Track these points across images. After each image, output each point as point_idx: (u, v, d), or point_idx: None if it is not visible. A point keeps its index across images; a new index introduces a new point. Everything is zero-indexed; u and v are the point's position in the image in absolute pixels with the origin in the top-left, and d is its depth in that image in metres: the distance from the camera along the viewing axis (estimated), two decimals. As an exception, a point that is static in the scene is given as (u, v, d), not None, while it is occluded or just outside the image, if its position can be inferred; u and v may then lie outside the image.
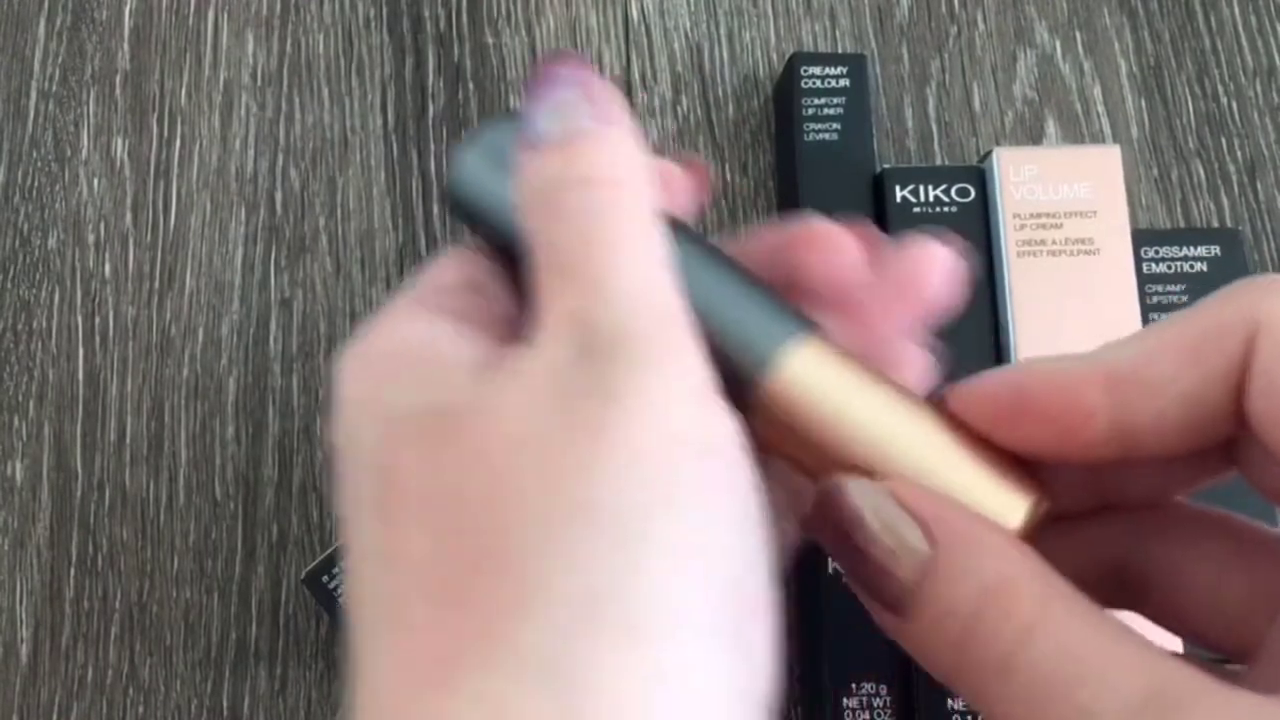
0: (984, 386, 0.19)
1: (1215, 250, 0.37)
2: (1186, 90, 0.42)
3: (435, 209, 0.41)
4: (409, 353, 0.19)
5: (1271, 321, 0.16)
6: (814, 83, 0.39)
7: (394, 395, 0.18)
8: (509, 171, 0.21)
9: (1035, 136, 0.42)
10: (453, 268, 0.22)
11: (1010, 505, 0.18)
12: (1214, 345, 0.17)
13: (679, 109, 0.42)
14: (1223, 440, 0.17)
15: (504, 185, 0.21)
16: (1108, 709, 0.15)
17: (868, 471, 0.18)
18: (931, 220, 0.37)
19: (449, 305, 0.21)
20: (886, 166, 0.38)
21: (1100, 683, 0.15)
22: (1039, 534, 0.18)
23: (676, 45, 0.42)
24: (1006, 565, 0.16)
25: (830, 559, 0.33)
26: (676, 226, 0.21)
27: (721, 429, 0.17)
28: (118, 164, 0.41)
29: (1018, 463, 0.19)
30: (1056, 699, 0.15)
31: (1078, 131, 0.42)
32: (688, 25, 0.43)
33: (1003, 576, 0.16)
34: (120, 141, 0.41)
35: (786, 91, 0.39)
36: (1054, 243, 0.36)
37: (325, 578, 0.34)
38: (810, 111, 0.38)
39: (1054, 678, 0.15)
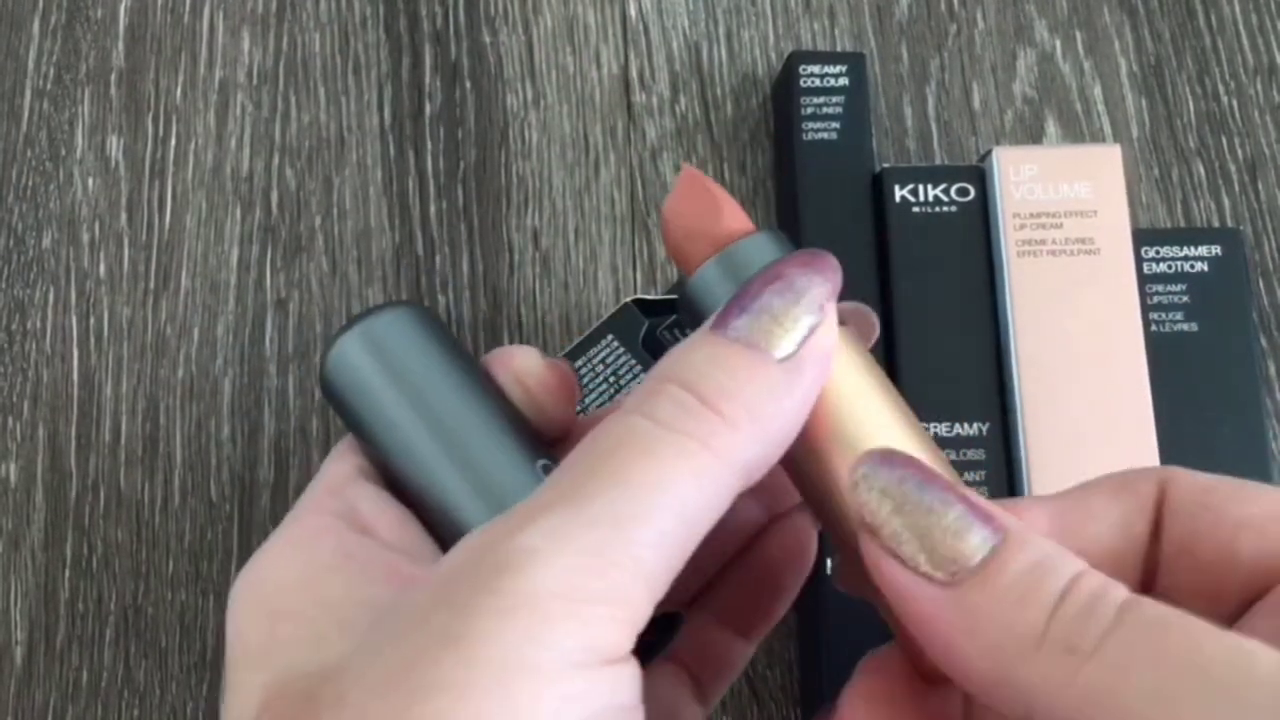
0: None
1: (1216, 250, 0.37)
2: (1187, 89, 0.42)
3: (432, 209, 0.40)
4: (295, 598, 0.19)
5: (1178, 474, 0.19)
6: (813, 81, 0.39)
7: (278, 656, 0.18)
8: (396, 383, 0.21)
9: (1035, 136, 0.41)
10: (345, 462, 0.22)
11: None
12: (1135, 483, 0.19)
13: (677, 108, 0.42)
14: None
15: (383, 387, 0.21)
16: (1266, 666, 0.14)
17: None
18: (931, 220, 0.37)
19: (342, 516, 0.21)
20: (886, 166, 0.38)
21: (1235, 644, 0.15)
22: None
23: (675, 44, 0.42)
24: (1081, 562, 0.17)
25: (831, 554, 0.33)
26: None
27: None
28: (112, 163, 0.41)
29: None
30: (1205, 643, 0.15)
31: (1078, 131, 0.41)
32: (686, 24, 0.42)
33: (1085, 565, 0.17)
34: (115, 140, 0.41)
35: (785, 90, 0.39)
36: (1054, 242, 0.36)
37: (321, 580, 0.34)
38: (809, 111, 0.38)
39: (1189, 630, 0.15)
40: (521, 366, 0.23)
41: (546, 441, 0.24)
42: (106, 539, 0.37)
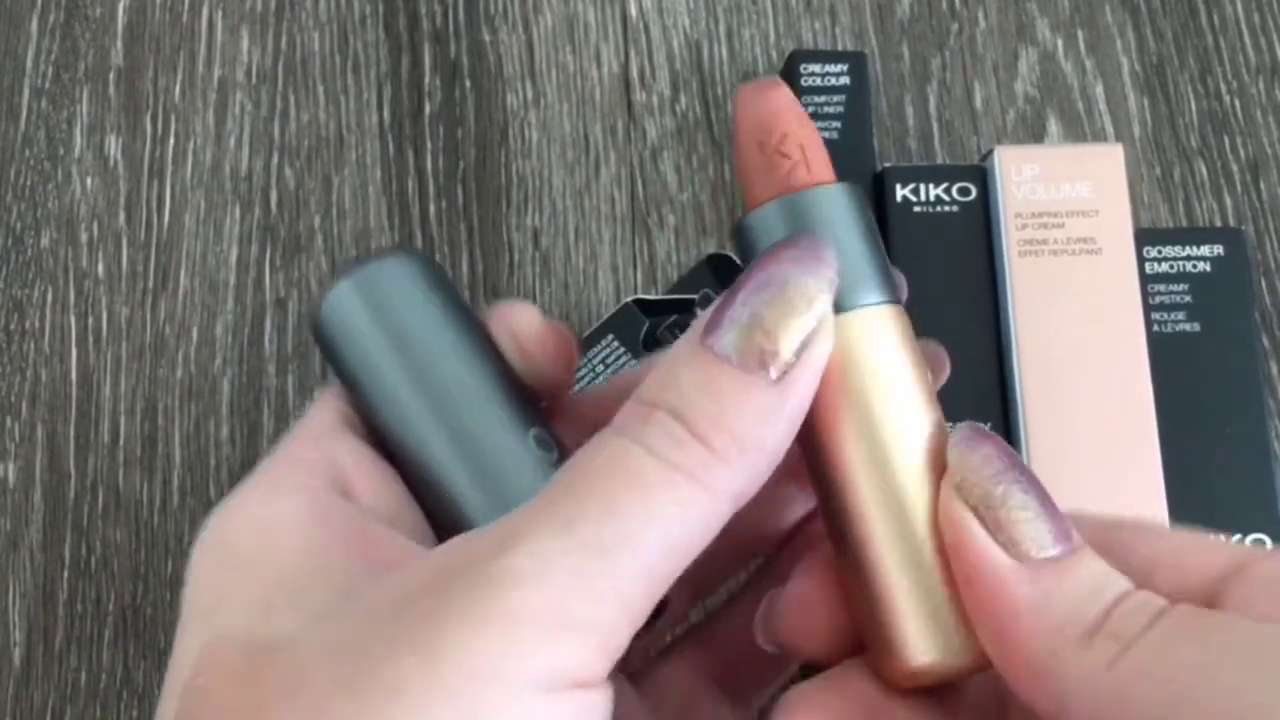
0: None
1: (1219, 250, 0.37)
2: (1189, 88, 0.42)
3: (431, 208, 0.40)
4: (252, 554, 0.19)
5: (1079, 516, 0.19)
6: (814, 80, 0.38)
7: (225, 616, 0.18)
8: (384, 321, 0.20)
9: (1037, 135, 0.41)
10: (330, 411, 0.21)
11: (961, 643, 0.18)
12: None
13: (677, 107, 0.41)
14: None
15: (376, 339, 0.21)
16: None
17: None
18: (932, 220, 0.36)
19: (320, 469, 0.20)
20: (887, 165, 0.37)
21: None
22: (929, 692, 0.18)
23: (675, 43, 0.42)
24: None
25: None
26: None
27: None
28: (111, 162, 0.41)
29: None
30: (1238, 622, 0.16)
31: (1080, 130, 0.41)
32: (686, 23, 0.42)
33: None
34: (114, 139, 0.41)
35: (786, 89, 0.39)
36: (1056, 242, 0.36)
37: (321, 581, 0.34)
38: (810, 110, 0.38)
39: (1227, 615, 0.16)
40: (520, 325, 0.22)
41: (539, 404, 0.23)
42: (105, 539, 0.37)
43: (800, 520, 0.24)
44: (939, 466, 0.18)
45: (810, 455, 0.19)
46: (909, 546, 0.18)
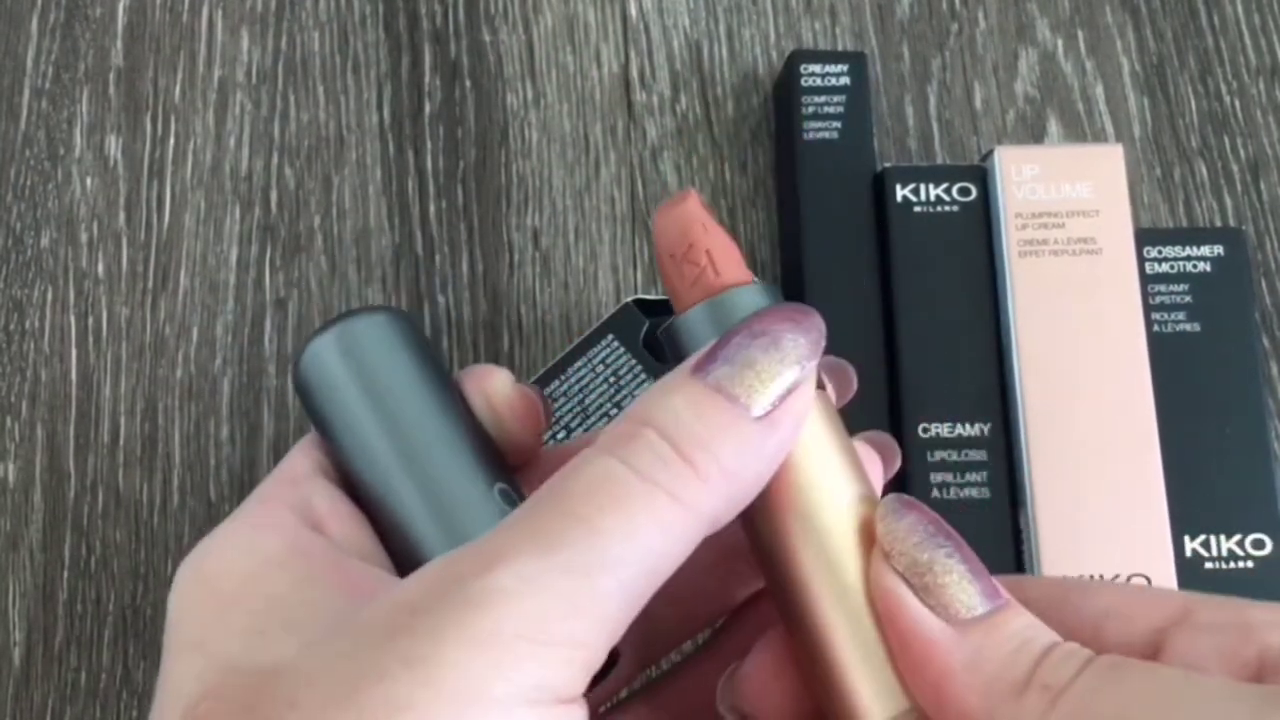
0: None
1: (1219, 250, 0.37)
2: (1189, 89, 0.42)
3: (431, 208, 0.40)
4: (240, 589, 0.19)
5: (1024, 581, 0.20)
6: (814, 81, 0.38)
7: (219, 645, 0.18)
8: (365, 391, 0.21)
9: (1037, 135, 0.41)
10: (306, 457, 0.22)
11: (889, 697, 0.18)
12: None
13: (678, 107, 0.41)
14: None
15: (352, 392, 0.21)
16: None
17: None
18: (932, 220, 0.36)
19: (296, 509, 0.21)
20: (887, 165, 0.37)
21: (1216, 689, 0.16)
22: None
23: (675, 43, 0.42)
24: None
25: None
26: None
27: None
28: (111, 162, 0.41)
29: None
30: (1158, 670, 0.16)
31: (1080, 130, 0.41)
32: (687, 23, 0.42)
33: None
34: (114, 139, 0.41)
35: (786, 89, 0.39)
36: (1056, 242, 0.35)
37: (320, 581, 0.34)
38: (810, 110, 0.38)
39: (1149, 666, 0.17)
40: (492, 387, 0.24)
41: (509, 465, 0.24)
42: (105, 539, 0.37)
43: (750, 596, 0.24)
44: (870, 539, 0.19)
45: (753, 536, 0.20)
46: (851, 618, 0.19)
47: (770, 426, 0.18)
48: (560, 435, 0.35)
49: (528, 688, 0.16)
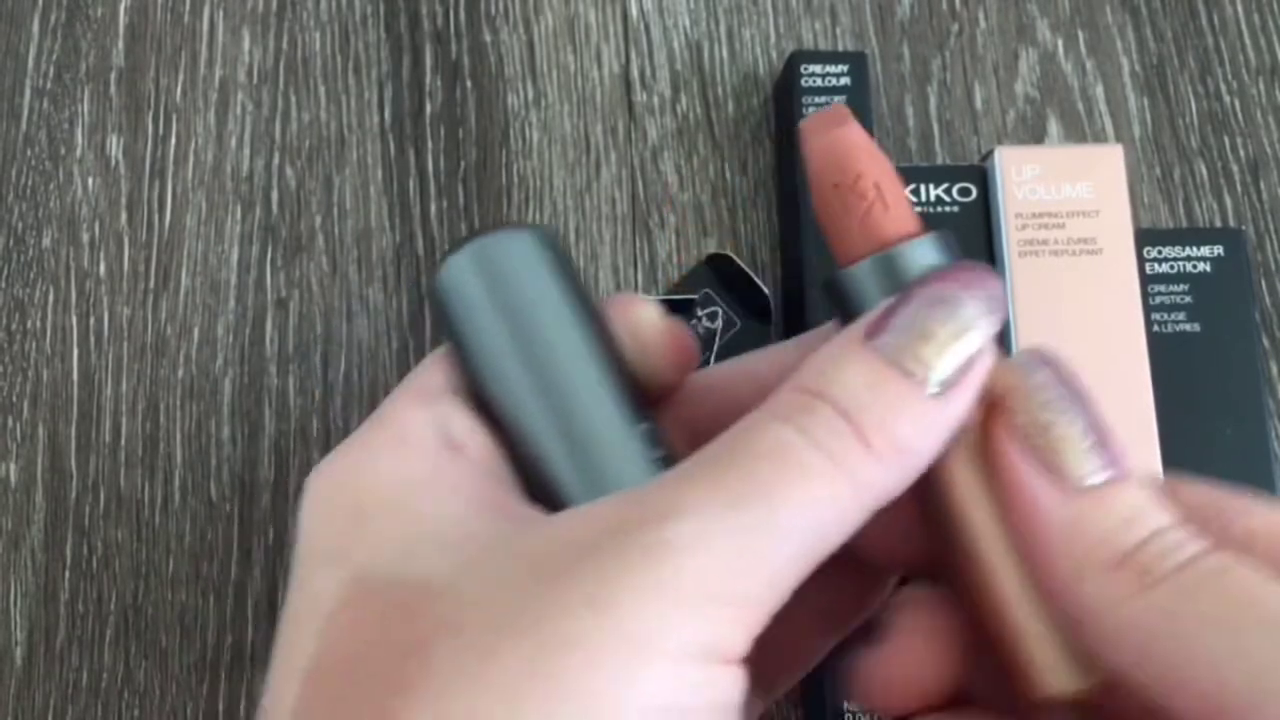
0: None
1: (1219, 250, 0.37)
2: (1189, 89, 0.42)
3: (433, 208, 0.40)
4: (384, 501, 0.18)
5: (1179, 485, 0.19)
6: (814, 81, 0.38)
7: (363, 556, 0.18)
8: (506, 309, 0.20)
9: (1037, 135, 0.41)
10: (439, 373, 0.21)
11: (1072, 669, 0.18)
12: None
13: (678, 107, 0.42)
14: None
15: (491, 311, 0.20)
16: None
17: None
18: (933, 220, 0.36)
19: (434, 426, 0.20)
20: (887, 165, 0.37)
21: None
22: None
23: (676, 43, 0.42)
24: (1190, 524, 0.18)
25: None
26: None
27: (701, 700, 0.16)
28: (112, 162, 0.41)
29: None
30: (1268, 586, 0.16)
31: (1080, 130, 0.41)
32: (687, 23, 0.42)
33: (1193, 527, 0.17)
34: (115, 139, 0.41)
35: (786, 90, 0.39)
36: (1056, 243, 0.36)
37: (322, 580, 0.34)
38: (811, 110, 0.38)
39: (1262, 579, 0.16)
40: (639, 319, 0.22)
41: (649, 398, 0.22)
42: (106, 539, 0.37)
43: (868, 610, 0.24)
44: None
45: (937, 507, 0.19)
46: (1031, 587, 0.18)
47: (947, 403, 0.18)
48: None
49: (697, 644, 0.16)
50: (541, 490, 0.21)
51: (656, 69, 0.42)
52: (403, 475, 0.19)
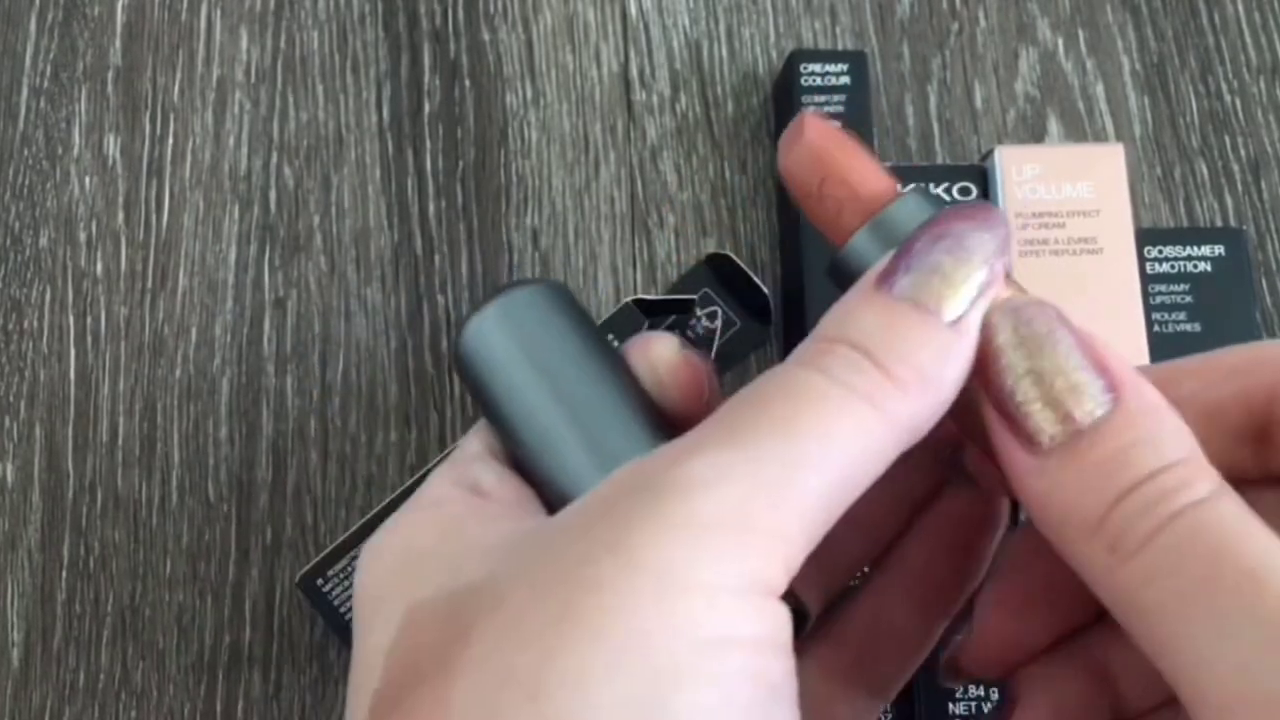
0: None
1: (1219, 250, 0.37)
2: (1190, 88, 0.42)
3: (431, 208, 0.40)
4: (425, 550, 0.19)
5: None
6: (814, 80, 0.38)
7: (412, 590, 0.18)
8: (527, 361, 0.21)
9: (1037, 135, 0.41)
10: (475, 441, 0.22)
11: None
12: (1257, 369, 0.18)
13: (677, 107, 0.41)
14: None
15: (521, 367, 0.21)
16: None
17: None
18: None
19: (462, 484, 0.21)
20: (887, 165, 0.37)
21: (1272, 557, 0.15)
22: None
23: (675, 42, 0.42)
24: (1187, 448, 0.17)
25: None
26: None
27: (744, 632, 0.16)
28: (110, 162, 0.40)
29: None
30: (1224, 563, 0.15)
31: (1080, 130, 0.41)
32: (686, 22, 0.42)
33: (1186, 454, 0.17)
34: (112, 139, 0.41)
35: (786, 89, 0.39)
36: (1056, 242, 0.35)
37: (319, 581, 0.34)
38: (810, 110, 0.38)
39: (1224, 545, 0.15)
40: (656, 355, 0.23)
41: (672, 426, 0.23)
42: (104, 539, 0.37)
43: (921, 505, 0.24)
44: None
45: (970, 431, 0.19)
46: None
47: (965, 330, 0.18)
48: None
49: (729, 575, 0.16)
50: None
51: (656, 68, 0.42)
52: (440, 529, 0.20)
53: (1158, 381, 0.18)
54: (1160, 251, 0.37)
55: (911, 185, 0.37)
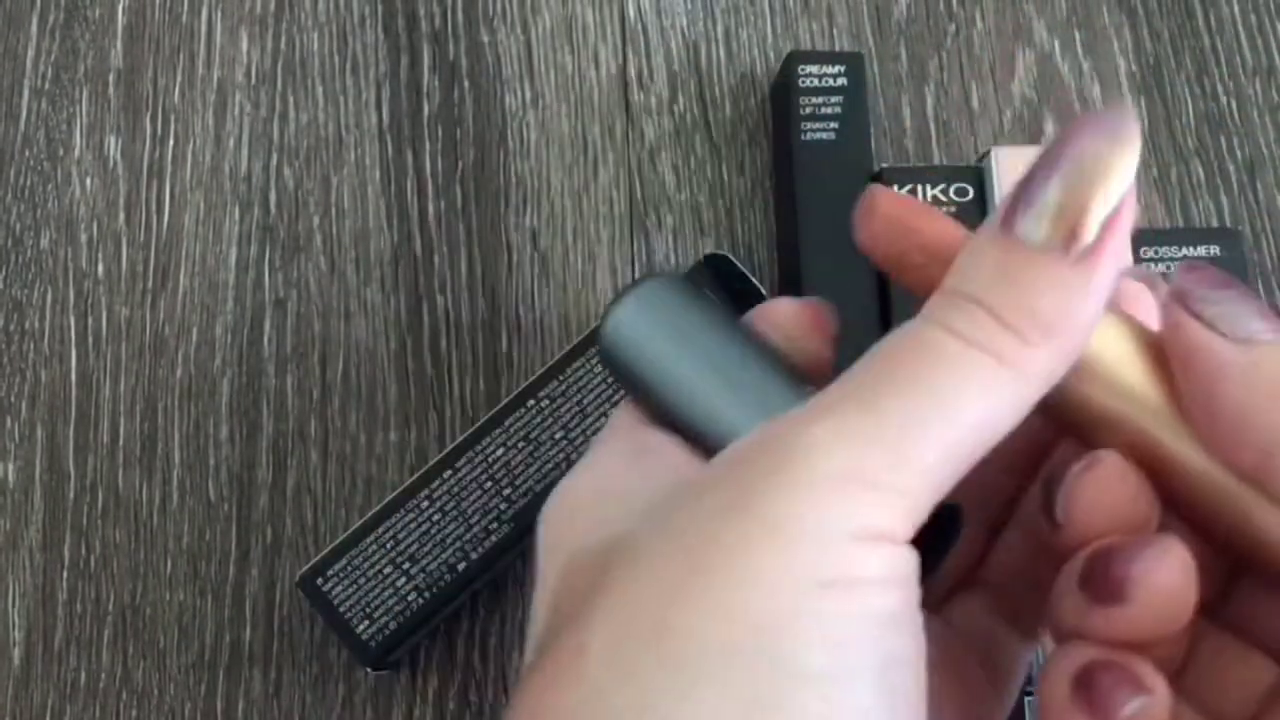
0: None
1: (1215, 250, 0.37)
2: (1186, 89, 0.42)
3: (430, 208, 0.40)
4: (586, 503, 0.21)
5: None
6: (811, 81, 0.39)
7: (573, 541, 0.20)
8: (670, 339, 0.23)
9: (1034, 136, 0.41)
10: (625, 413, 0.23)
11: None
12: None
13: (675, 108, 0.42)
14: None
15: (665, 354, 0.23)
16: None
17: None
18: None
19: (625, 441, 0.22)
20: (884, 166, 0.38)
21: None
22: None
23: (673, 44, 0.42)
24: None
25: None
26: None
27: (872, 572, 0.17)
28: (111, 163, 0.41)
29: None
30: None
31: (1076, 130, 0.41)
32: (684, 24, 0.42)
33: None
34: (113, 140, 0.41)
35: (784, 90, 0.39)
36: (1053, 243, 0.36)
37: (319, 580, 0.34)
38: (808, 110, 0.38)
39: None
40: (780, 311, 0.24)
41: (811, 380, 0.24)
42: (105, 539, 0.37)
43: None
44: None
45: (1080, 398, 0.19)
46: None
47: (1092, 265, 0.17)
48: (559, 435, 0.35)
49: (851, 526, 0.16)
50: None
51: (654, 69, 0.42)
52: (604, 476, 0.21)
53: None
54: (1156, 252, 0.37)
55: (910, 187, 0.37)
